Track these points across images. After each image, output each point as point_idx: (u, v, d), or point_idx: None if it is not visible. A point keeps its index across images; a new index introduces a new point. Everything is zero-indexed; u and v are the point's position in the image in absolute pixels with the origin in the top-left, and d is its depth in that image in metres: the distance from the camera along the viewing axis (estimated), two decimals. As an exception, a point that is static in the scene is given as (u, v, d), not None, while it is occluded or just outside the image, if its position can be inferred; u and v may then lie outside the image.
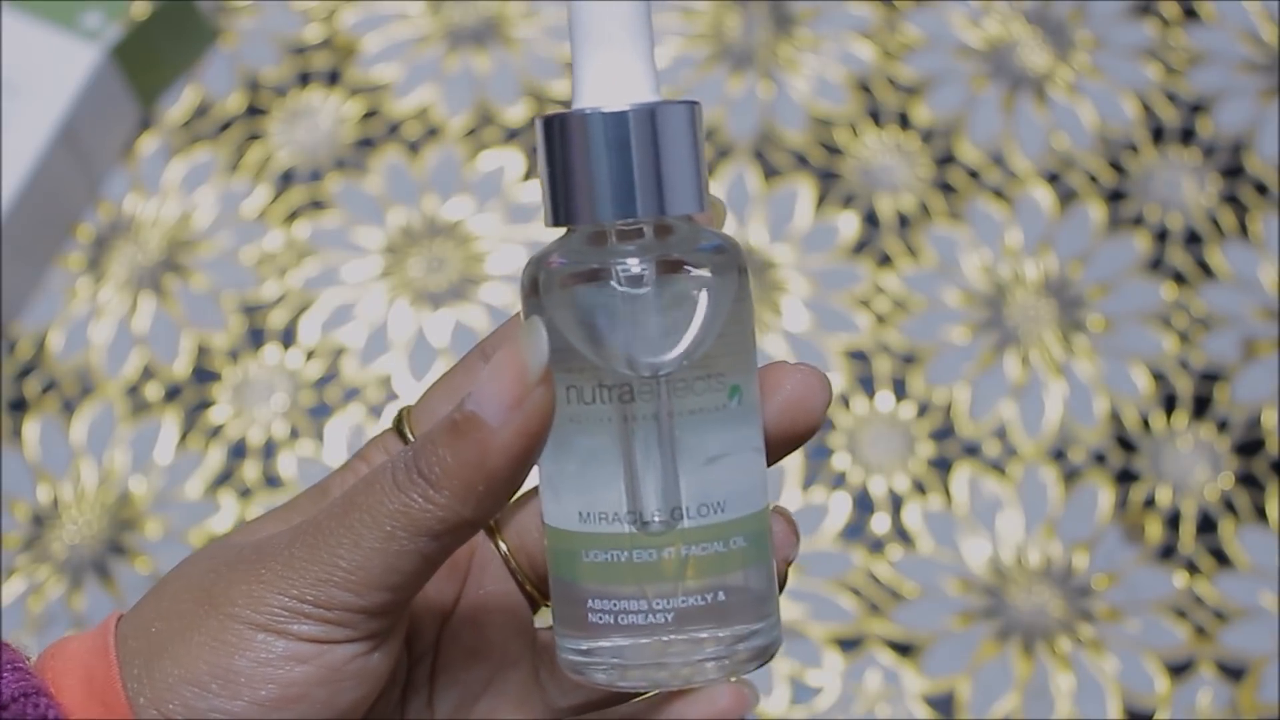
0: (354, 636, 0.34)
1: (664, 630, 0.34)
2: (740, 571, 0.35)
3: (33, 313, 0.82)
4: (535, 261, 0.35)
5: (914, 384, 0.80)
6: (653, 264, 0.34)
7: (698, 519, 0.34)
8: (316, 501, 0.38)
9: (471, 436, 0.32)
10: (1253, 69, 0.87)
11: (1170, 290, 0.82)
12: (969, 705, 0.74)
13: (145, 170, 0.85)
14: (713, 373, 0.34)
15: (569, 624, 0.36)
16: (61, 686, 0.34)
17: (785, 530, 0.37)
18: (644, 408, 0.34)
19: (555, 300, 0.34)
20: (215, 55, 0.88)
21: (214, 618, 0.34)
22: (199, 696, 0.33)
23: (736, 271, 0.35)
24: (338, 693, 0.34)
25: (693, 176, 0.35)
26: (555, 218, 0.35)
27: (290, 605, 0.33)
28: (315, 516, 0.34)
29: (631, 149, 0.34)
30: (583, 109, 0.34)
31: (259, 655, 0.33)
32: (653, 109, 0.34)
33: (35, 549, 0.78)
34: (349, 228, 0.84)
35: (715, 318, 0.34)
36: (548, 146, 0.35)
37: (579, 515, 0.35)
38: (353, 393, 0.81)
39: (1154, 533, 0.78)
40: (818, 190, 0.85)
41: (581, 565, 0.35)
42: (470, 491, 0.32)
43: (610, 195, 0.34)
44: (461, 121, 0.86)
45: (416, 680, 0.39)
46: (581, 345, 0.34)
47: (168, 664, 0.34)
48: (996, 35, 0.88)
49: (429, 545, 0.33)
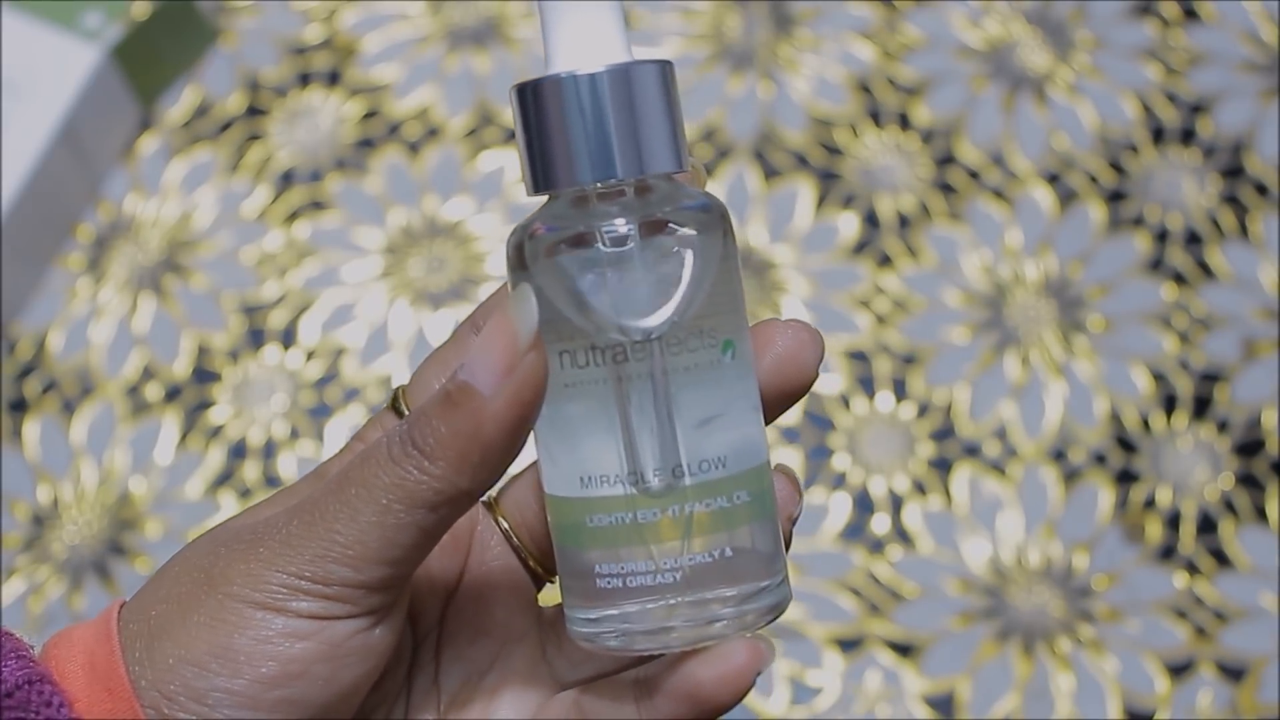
0: (354, 612, 0.34)
1: (673, 591, 0.34)
2: (746, 527, 0.35)
3: (33, 313, 0.82)
4: (519, 230, 0.35)
5: (914, 384, 0.80)
6: (637, 224, 0.34)
7: (700, 475, 0.34)
8: (315, 485, 0.38)
9: (465, 406, 0.32)
10: (1253, 69, 0.87)
11: (1170, 290, 0.82)
12: (969, 705, 0.74)
13: (145, 170, 0.85)
14: (705, 329, 0.35)
15: (577, 594, 0.36)
16: (65, 673, 0.34)
17: (788, 486, 0.37)
18: (638, 368, 0.34)
19: (542, 268, 0.34)
20: (215, 55, 0.88)
21: (213, 598, 0.34)
22: (200, 676, 0.33)
23: (721, 229, 0.35)
24: (340, 669, 0.34)
25: (670, 135, 0.35)
26: (536, 185, 0.35)
27: (288, 582, 0.33)
28: (312, 494, 0.34)
29: (608, 110, 0.34)
30: (557, 73, 0.34)
31: (258, 633, 0.33)
32: (626, 69, 0.34)
33: (35, 549, 0.78)
34: (349, 228, 0.84)
35: (703, 276, 0.34)
36: (524, 114, 0.35)
37: (580, 481, 0.35)
38: (353, 393, 0.81)
39: (1154, 533, 0.78)
40: (818, 190, 0.85)
41: (585, 531, 0.35)
42: (466, 462, 0.32)
43: (589, 158, 0.34)
44: (461, 121, 0.86)
45: (422, 658, 0.39)
46: (570, 311, 0.34)
47: (168, 645, 0.34)
48: (996, 35, 0.88)
49: (426, 518, 0.33)
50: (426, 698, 0.39)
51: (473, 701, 0.38)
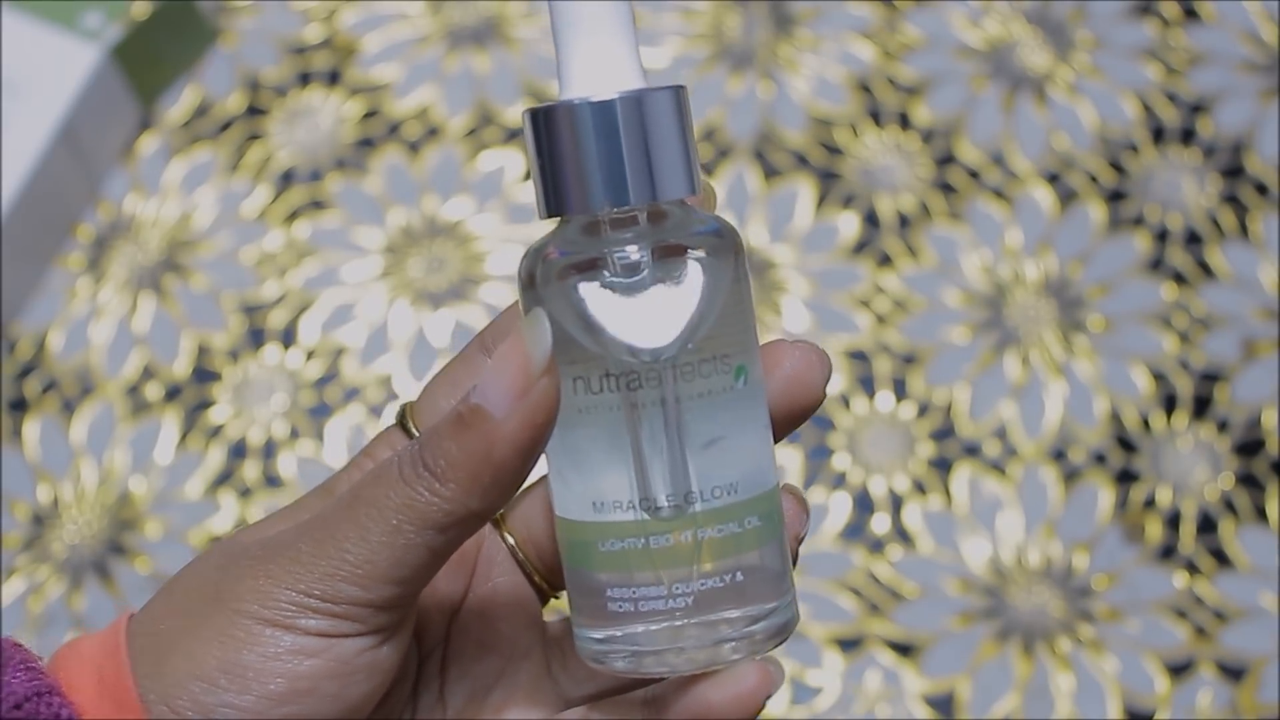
0: (362, 630, 0.34)
1: (684, 615, 0.35)
2: (756, 551, 0.35)
3: (33, 313, 0.82)
4: (532, 254, 0.35)
5: (914, 384, 0.80)
6: (649, 250, 0.34)
7: (712, 501, 0.34)
8: (322, 500, 0.38)
9: (477, 429, 0.32)
10: (1253, 69, 0.87)
11: (1170, 290, 0.82)
12: (969, 705, 0.74)
13: (145, 170, 0.85)
14: (718, 354, 0.35)
15: (587, 614, 0.36)
16: (74, 685, 0.34)
17: (795, 507, 0.37)
18: (650, 394, 0.34)
19: (554, 292, 0.34)
20: (215, 55, 0.88)
21: (222, 614, 0.34)
22: (208, 691, 0.33)
23: (733, 252, 0.35)
24: (347, 686, 0.34)
25: (683, 160, 0.35)
26: (549, 209, 0.35)
27: (297, 600, 0.33)
28: (322, 512, 0.34)
29: (621, 137, 0.34)
30: (570, 99, 0.34)
31: (267, 650, 0.33)
32: (639, 96, 0.34)
33: (35, 549, 0.78)
34: (349, 228, 0.84)
35: (713, 299, 0.35)
36: (537, 139, 0.35)
37: (593, 505, 0.35)
38: (353, 393, 0.81)
39: (1154, 533, 0.78)
40: (818, 190, 0.85)
41: (597, 555, 0.35)
42: (476, 484, 0.32)
43: (603, 184, 0.34)
44: (461, 121, 0.86)
45: (427, 674, 0.39)
46: (581, 335, 0.34)
47: (177, 660, 0.34)
48: (996, 35, 0.88)
49: (436, 539, 0.33)
50: (432, 713, 0.39)
51: (478, 718, 0.38)
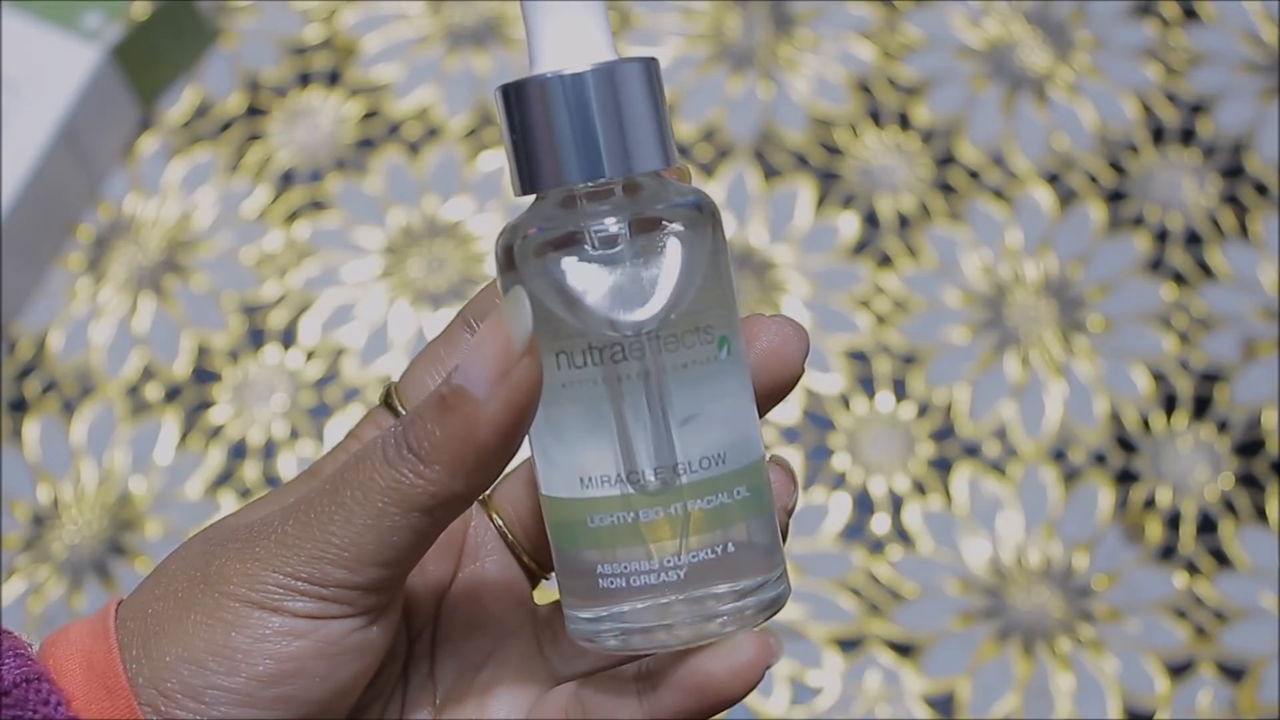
0: (350, 612, 0.34)
1: (676, 589, 0.34)
2: (744, 523, 0.35)
3: (33, 313, 0.82)
4: (509, 231, 0.35)
5: (914, 384, 0.80)
6: (627, 223, 0.34)
7: (699, 472, 0.34)
8: (309, 483, 0.38)
9: (459, 411, 0.32)
10: (1253, 69, 0.87)
11: (1170, 290, 0.82)
12: (969, 705, 0.74)
13: (145, 170, 0.85)
14: (701, 326, 0.35)
15: (577, 594, 0.36)
16: (63, 671, 0.34)
17: (783, 478, 0.37)
18: (633, 366, 0.34)
19: (532, 269, 0.34)
20: (215, 55, 0.88)
21: (210, 596, 0.34)
22: (197, 674, 0.33)
23: (711, 224, 0.35)
24: (336, 666, 0.34)
25: (656, 132, 0.35)
26: (524, 185, 0.35)
27: (284, 583, 0.33)
28: (308, 494, 0.34)
29: (594, 109, 0.34)
30: (542, 73, 0.34)
31: (255, 631, 0.33)
32: (611, 68, 0.34)
33: (35, 549, 0.78)
34: (349, 228, 0.84)
35: (693, 271, 0.34)
36: (510, 115, 0.35)
37: (579, 481, 0.35)
38: (353, 393, 0.81)
39: (1154, 533, 0.78)
40: (818, 190, 0.85)
41: (586, 532, 0.35)
42: (460, 465, 0.32)
43: (577, 157, 0.34)
44: (461, 121, 0.87)
45: (417, 653, 0.39)
46: (562, 310, 0.34)
47: (165, 643, 0.34)
48: (996, 35, 0.88)
49: (421, 520, 0.33)
50: (422, 693, 0.39)
51: (468, 697, 0.38)
